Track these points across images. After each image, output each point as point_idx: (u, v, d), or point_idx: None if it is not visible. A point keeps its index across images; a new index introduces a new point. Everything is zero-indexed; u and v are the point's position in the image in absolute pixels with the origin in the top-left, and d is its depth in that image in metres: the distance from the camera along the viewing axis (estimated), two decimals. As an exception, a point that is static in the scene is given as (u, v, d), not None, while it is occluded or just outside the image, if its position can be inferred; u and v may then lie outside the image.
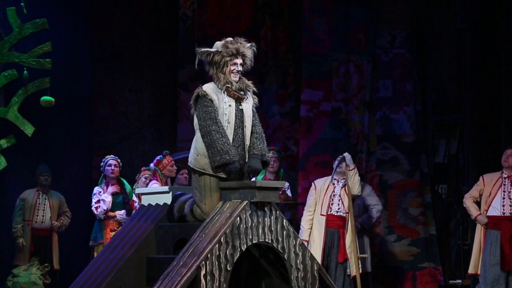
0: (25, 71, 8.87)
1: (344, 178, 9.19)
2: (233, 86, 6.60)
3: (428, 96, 11.40)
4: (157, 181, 9.25)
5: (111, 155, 9.66)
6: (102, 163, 9.59)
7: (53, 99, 8.93)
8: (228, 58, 6.59)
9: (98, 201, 9.46)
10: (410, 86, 11.15)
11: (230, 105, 6.58)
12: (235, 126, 6.60)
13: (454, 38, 11.39)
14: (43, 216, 10.76)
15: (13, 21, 8.93)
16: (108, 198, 9.43)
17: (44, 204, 10.79)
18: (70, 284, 6.83)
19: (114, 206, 9.39)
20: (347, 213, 9.09)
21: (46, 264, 9.94)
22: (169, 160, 9.33)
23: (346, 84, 11.36)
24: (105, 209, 9.40)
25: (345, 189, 9.16)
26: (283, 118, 11.92)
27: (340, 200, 9.14)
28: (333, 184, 9.21)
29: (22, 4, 8.88)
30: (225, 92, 6.59)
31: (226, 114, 6.58)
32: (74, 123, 12.22)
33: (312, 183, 9.42)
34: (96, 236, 9.50)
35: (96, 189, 9.53)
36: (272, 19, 12.06)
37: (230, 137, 6.55)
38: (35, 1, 9.72)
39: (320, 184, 9.27)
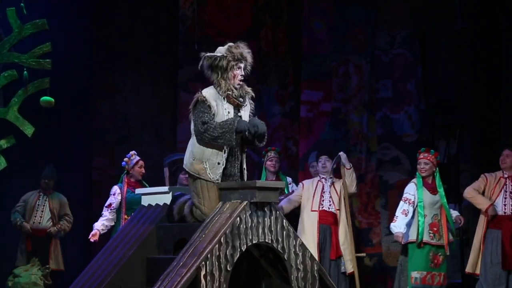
0: (25, 72, 8.90)
1: (331, 177, 9.24)
2: (234, 93, 6.59)
3: (428, 96, 11.40)
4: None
5: (134, 151, 9.39)
6: (126, 159, 9.33)
7: (52, 100, 8.95)
8: (233, 63, 6.57)
9: (110, 205, 9.29)
10: (411, 86, 11.16)
11: (229, 112, 6.56)
12: None
13: (454, 39, 11.39)
14: (41, 217, 10.71)
15: (13, 22, 8.95)
16: (102, 222, 9.25)
17: (43, 206, 10.75)
18: (69, 285, 6.82)
19: (135, 204, 9.12)
20: (338, 210, 9.11)
21: (47, 266, 9.92)
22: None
23: (345, 85, 11.37)
24: (98, 228, 9.24)
25: (333, 187, 9.19)
26: (285, 118, 11.93)
27: (330, 197, 9.18)
28: (321, 182, 9.26)
29: (22, 4, 8.90)
30: (225, 99, 6.58)
31: None
32: (73, 123, 12.22)
33: (300, 183, 9.46)
34: None
35: (115, 189, 9.28)
36: (273, 20, 12.06)
37: None
38: (35, 2, 9.72)
39: (309, 183, 9.35)
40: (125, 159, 9.30)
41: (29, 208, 10.66)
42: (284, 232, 6.50)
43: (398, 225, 9.06)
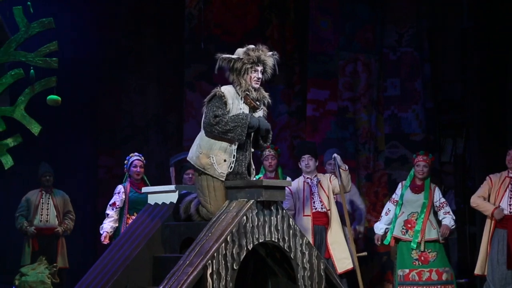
0: (32, 70, 8.89)
1: (316, 176, 9.22)
2: (252, 94, 6.62)
3: (434, 95, 11.39)
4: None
5: (135, 153, 9.44)
6: (126, 161, 9.39)
7: (59, 98, 8.94)
8: (249, 66, 6.60)
9: (114, 204, 9.32)
10: (418, 85, 11.16)
11: (243, 113, 6.60)
12: None
13: (460, 38, 11.38)
14: (47, 215, 10.72)
15: (20, 20, 8.95)
16: (111, 225, 9.29)
17: (48, 204, 10.76)
18: (77, 283, 6.83)
19: (138, 204, 9.16)
20: (329, 210, 9.10)
21: (54, 264, 9.93)
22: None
23: (354, 83, 11.36)
24: (107, 231, 9.28)
25: (321, 186, 9.16)
26: (291, 117, 11.92)
27: (320, 198, 9.15)
28: (308, 183, 9.20)
29: (28, 3, 8.90)
30: (243, 99, 6.60)
31: None
32: (79, 122, 12.24)
33: (287, 189, 9.30)
34: None
35: (119, 188, 9.33)
36: (279, 18, 12.06)
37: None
38: (41, 0, 9.72)
39: (295, 186, 9.23)
40: (125, 161, 9.38)
41: (33, 207, 10.66)
42: (291, 231, 6.50)
43: (378, 226, 9.32)
